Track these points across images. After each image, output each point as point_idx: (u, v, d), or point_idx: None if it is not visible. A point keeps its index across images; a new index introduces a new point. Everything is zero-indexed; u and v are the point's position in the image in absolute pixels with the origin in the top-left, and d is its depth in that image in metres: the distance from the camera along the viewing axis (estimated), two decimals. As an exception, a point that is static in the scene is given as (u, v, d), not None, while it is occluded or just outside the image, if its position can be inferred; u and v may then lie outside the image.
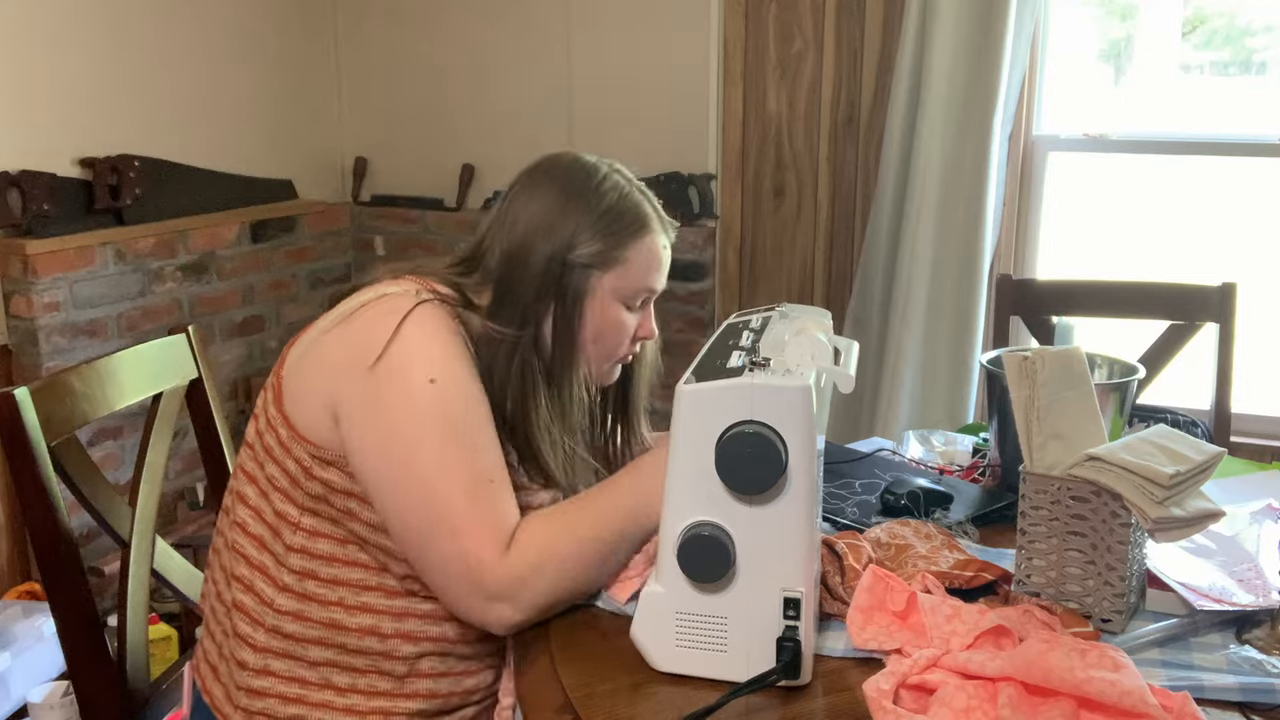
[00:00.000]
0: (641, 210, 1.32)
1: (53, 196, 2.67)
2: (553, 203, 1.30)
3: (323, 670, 1.26)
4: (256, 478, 1.28)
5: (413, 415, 1.18)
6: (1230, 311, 2.17)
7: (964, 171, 2.85)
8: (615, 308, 1.31)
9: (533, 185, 1.33)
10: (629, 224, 1.31)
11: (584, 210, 1.29)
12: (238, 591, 1.28)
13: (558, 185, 1.31)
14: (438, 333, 1.22)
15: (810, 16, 3.05)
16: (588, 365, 1.33)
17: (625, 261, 1.30)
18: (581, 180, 1.32)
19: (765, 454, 1.03)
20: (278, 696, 1.25)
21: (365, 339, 1.21)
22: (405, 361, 1.19)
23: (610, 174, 1.34)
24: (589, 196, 1.30)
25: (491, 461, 1.21)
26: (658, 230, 1.34)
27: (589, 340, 1.31)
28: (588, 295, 1.29)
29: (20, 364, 2.69)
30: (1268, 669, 1.10)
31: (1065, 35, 2.99)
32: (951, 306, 2.92)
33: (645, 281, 1.33)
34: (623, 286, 1.31)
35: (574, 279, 1.29)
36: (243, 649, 1.27)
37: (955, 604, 1.17)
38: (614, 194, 1.31)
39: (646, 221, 1.32)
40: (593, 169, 1.33)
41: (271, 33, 3.38)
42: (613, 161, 1.37)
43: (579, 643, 1.18)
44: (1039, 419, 1.23)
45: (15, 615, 2.53)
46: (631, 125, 3.29)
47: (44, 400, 1.32)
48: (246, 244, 3.25)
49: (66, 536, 1.33)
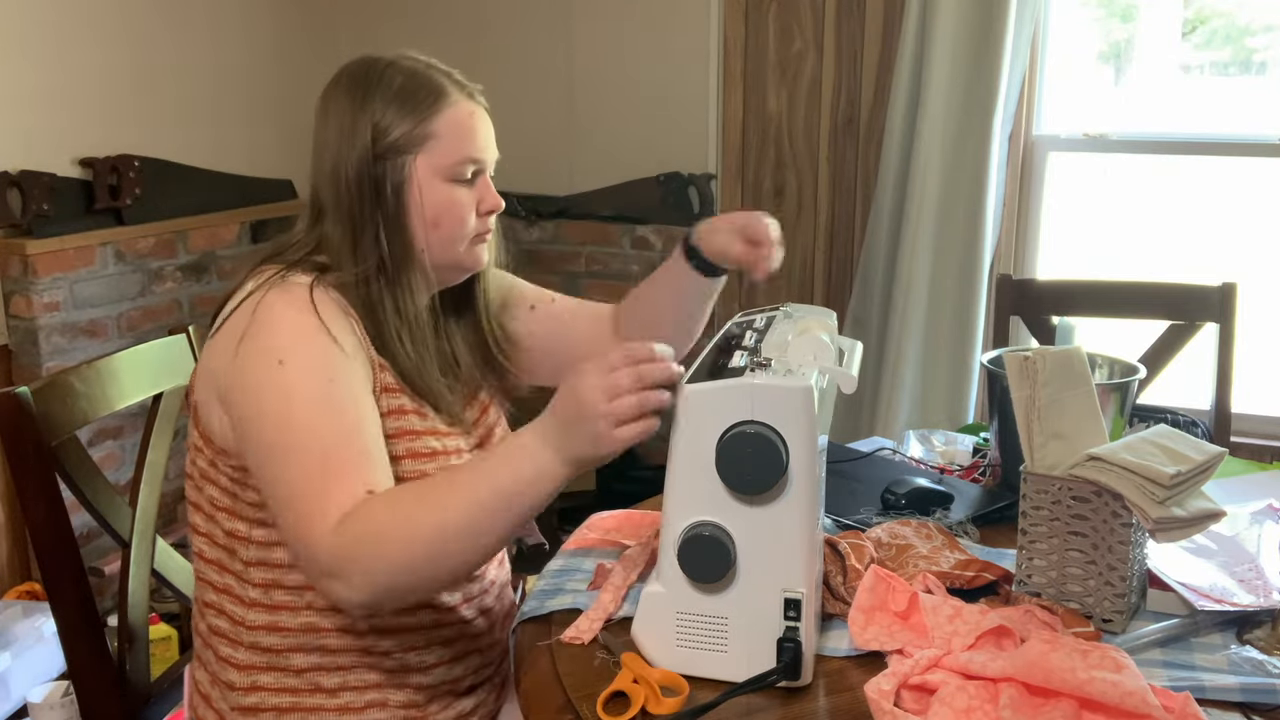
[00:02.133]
0: (435, 82, 1.26)
1: (53, 196, 2.67)
2: (345, 108, 1.25)
3: (309, 675, 1.25)
4: (201, 504, 1.28)
5: (262, 397, 1.15)
6: (1230, 311, 2.17)
7: (964, 171, 2.85)
8: (441, 187, 1.25)
9: (326, 103, 1.28)
10: (424, 98, 1.24)
11: (374, 102, 1.24)
12: (211, 617, 1.28)
13: (345, 91, 1.26)
14: (289, 312, 1.18)
15: (810, 16, 3.05)
16: (437, 258, 1.27)
17: (434, 136, 1.24)
18: (363, 76, 1.26)
19: (766, 454, 1.03)
20: (272, 709, 1.25)
21: (231, 329, 1.20)
22: (255, 347, 1.17)
23: (396, 60, 1.28)
24: (375, 88, 1.24)
25: (342, 436, 1.14)
26: (460, 98, 1.27)
27: (427, 228, 1.26)
28: (406, 183, 1.24)
29: (20, 364, 2.68)
30: (1269, 669, 1.10)
31: (1065, 35, 2.99)
32: (951, 306, 2.92)
33: (464, 151, 1.26)
34: (440, 162, 1.25)
35: (388, 173, 1.23)
36: (228, 671, 1.27)
37: (956, 604, 1.17)
38: (400, 75, 1.25)
39: (443, 91, 1.26)
40: (373, 61, 1.28)
41: (272, 33, 3.38)
42: (403, 50, 1.31)
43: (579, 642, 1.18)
44: (1039, 419, 1.23)
45: (15, 615, 2.53)
46: (631, 125, 3.29)
47: (44, 400, 1.32)
48: (246, 244, 3.24)
49: (66, 536, 1.33)
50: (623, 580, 1.25)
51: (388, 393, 1.24)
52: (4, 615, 2.53)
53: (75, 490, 1.37)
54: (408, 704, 1.28)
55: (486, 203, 1.30)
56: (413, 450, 1.24)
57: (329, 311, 1.20)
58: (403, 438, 1.24)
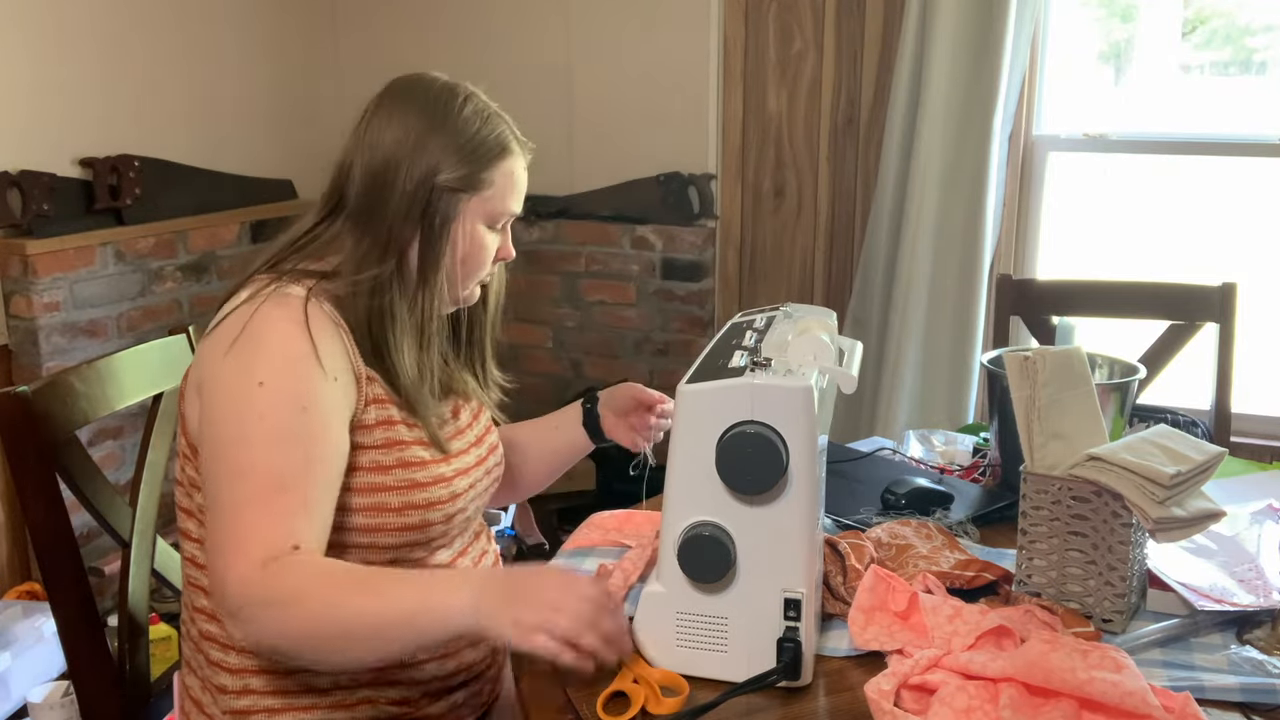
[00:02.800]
0: (503, 134, 1.31)
1: (53, 196, 2.67)
2: (414, 125, 1.28)
3: (300, 677, 1.25)
4: (191, 510, 1.28)
5: (232, 413, 1.16)
6: (1230, 311, 2.17)
7: (964, 171, 2.85)
8: (480, 230, 1.30)
9: (391, 108, 1.30)
10: (493, 147, 1.30)
11: (448, 133, 1.28)
12: (203, 622, 1.28)
13: (418, 108, 1.29)
14: (281, 327, 1.19)
15: (810, 16, 3.05)
16: (453, 287, 1.31)
17: (490, 184, 1.29)
18: (443, 103, 1.30)
19: (766, 454, 1.03)
20: (264, 711, 1.26)
21: (221, 336, 1.21)
22: (240, 362, 1.17)
23: (471, 96, 1.32)
24: (452, 120, 1.29)
25: (297, 477, 1.14)
26: (518, 153, 1.33)
27: (458, 263, 1.30)
28: (455, 219, 1.28)
29: (20, 364, 2.68)
30: (1269, 669, 1.10)
31: (1065, 35, 2.99)
32: (951, 306, 2.92)
33: (507, 204, 1.32)
34: (487, 209, 1.30)
35: (441, 203, 1.27)
36: (220, 675, 1.27)
37: (956, 604, 1.17)
38: (476, 118, 1.30)
39: (508, 145, 1.31)
40: (452, 92, 1.31)
41: (271, 33, 3.38)
42: (469, 84, 1.35)
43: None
44: (1040, 419, 1.23)
45: (15, 615, 2.53)
46: (631, 125, 3.29)
47: (44, 400, 1.32)
48: (246, 244, 3.24)
49: (66, 536, 1.33)
50: (624, 580, 1.25)
51: (377, 404, 1.25)
52: (4, 615, 2.53)
53: (75, 490, 1.37)
54: (399, 700, 1.28)
55: (504, 251, 1.36)
56: (404, 460, 1.25)
57: (320, 326, 1.21)
58: (393, 448, 1.25)
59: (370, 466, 1.23)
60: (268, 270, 1.28)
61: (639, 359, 3.41)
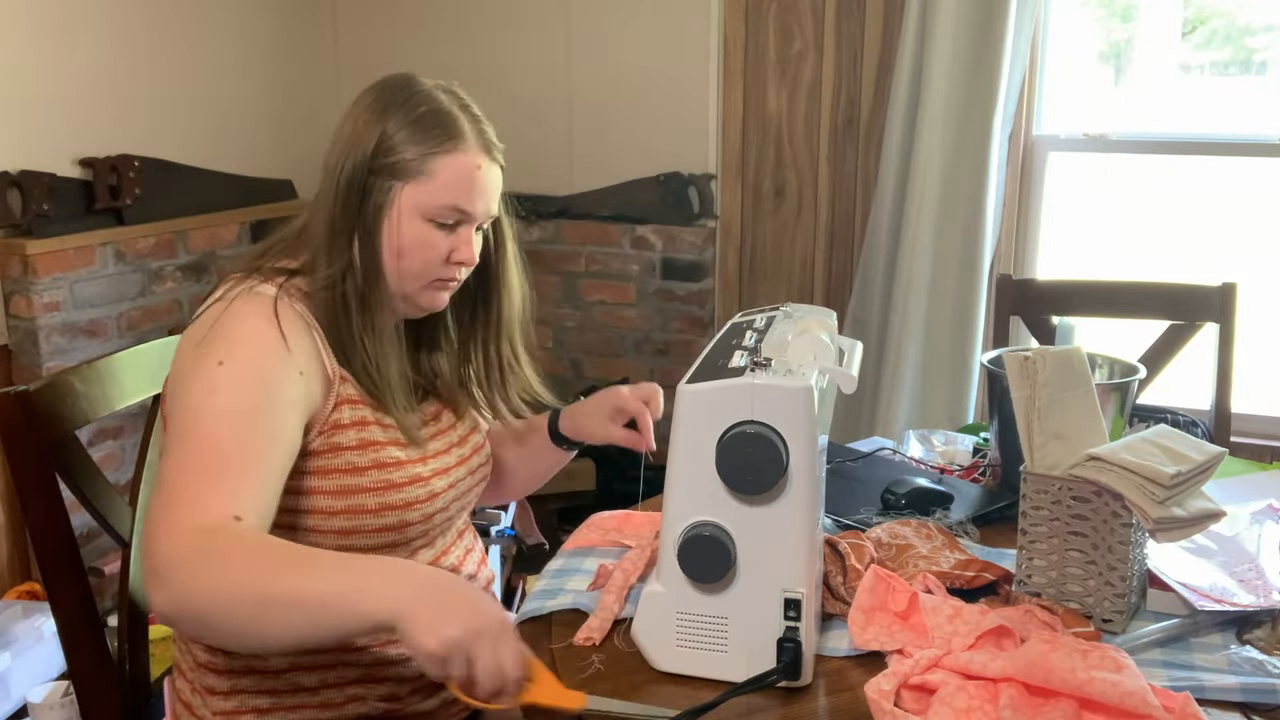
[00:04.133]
0: (455, 124, 1.25)
1: (53, 196, 2.67)
2: (363, 114, 1.25)
3: (288, 676, 1.26)
4: None
5: (190, 386, 1.15)
6: (1230, 311, 2.17)
7: (964, 171, 2.85)
8: (417, 223, 1.24)
9: (353, 105, 1.28)
10: (437, 136, 1.24)
11: (391, 119, 1.24)
12: None
13: (372, 98, 1.26)
14: (250, 321, 1.18)
15: (810, 16, 3.05)
16: (395, 284, 1.27)
17: (429, 174, 1.23)
18: (394, 92, 1.26)
19: (766, 454, 1.03)
20: (253, 711, 1.26)
21: (192, 333, 1.21)
22: (205, 350, 1.17)
23: (432, 89, 1.27)
24: (399, 106, 1.24)
25: (246, 453, 1.11)
26: (472, 149, 1.26)
27: (392, 256, 1.25)
28: (386, 206, 1.24)
29: (20, 364, 2.68)
30: (1269, 669, 1.10)
31: (1065, 35, 2.99)
32: (951, 306, 2.92)
33: (452, 199, 1.24)
34: (425, 202, 1.24)
35: (374, 190, 1.23)
36: (208, 676, 1.27)
37: (956, 604, 1.17)
38: (426, 105, 1.25)
39: (459, 136, 1.24)
40: (411, 81, 1.27)
41: (271, 33, 3.38)
42: (450, 83, 1.31)
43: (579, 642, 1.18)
44: (1040, 419, 1.23)
45: (15, 615, 2.53)
46: (631, 125, 3.29)
47: (44, 400, 1.32)
48: (246, 244, 3.24)
49: (66, 536, 1.33)
50: (624, 581, 1.25)
51: (350, 404, 1.24)
52: (4, 615, 2.53)
53: (75, 490, 1.37)
54: (388, 696, 1.28)
55: (459, 254, 1.28)
56: (379, 461, 1.24)
57: (290, 323, 1.20)
58: (367, 448, 1.24)
59: (345, 468, 1.23)
60: (244, 269, 1.28)
61: (639, 359, 3.41)
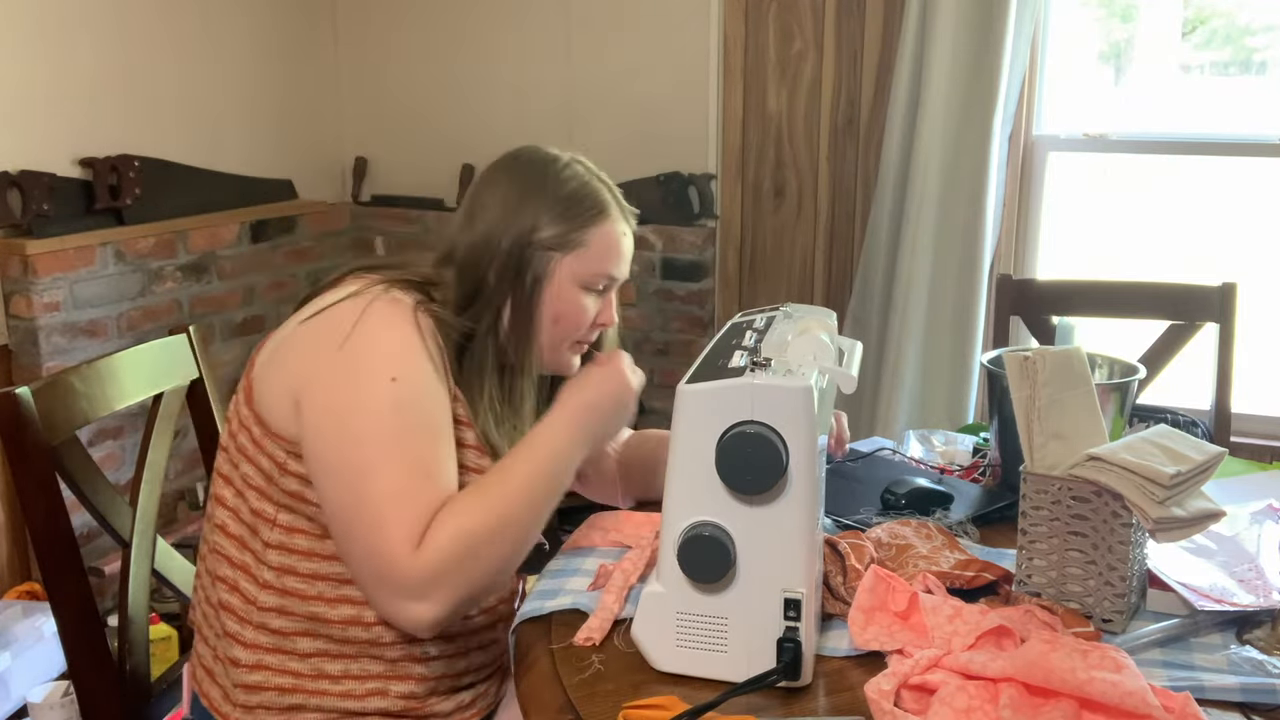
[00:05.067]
0: (600, 196, 1.36)
1: (53, 196, 2.67)
2: (513, 193, 1.34)
3: (313, 661, 1.27)
4: (232, 479, 1.30)
5: (365, 408, 1.20)
6: (1230, 311, 2.17)
7: (964, 171, 2.85)
8: (574, 291, 1.34)
9: (495, 179, 1.37)
10: (588, 209, 1.34)
11: (544, 196, 1.33)
12: (223, 592, 1.30)
13: (518, 176, 1.36)
14: (400, 327, 1.24)
15: (810, 16, 3.05)
16: (545, 350, 1.36)
17: (584, 245, 1.34)
18: (540, 169, 1.36)
19: (766, 454, 1.03)
20: (274, 689, 1.27)
21: (330, 328, 1.24)
22: (367, 353, 1.21)
23: (571, 163, 1.38)
24: (549, 184, 1.34)
25: (433, 460, 1.21)
26: (617, 217, 1.37)
27: (548, 323, 1.34)
28: (546, 278, 1.33)
29: (20, 364, 2.68)
30: (1268, 669, 1.10)
31: (1065, 35, 2.99)
32: (951, 306, 2.92)
33: (604, 267, 1.36)
34: (582, 270, 1.34)
35: (534, 263, 1.32)
36: (234, 647, 1.28)
37: (956, 604, 1.17)
38: (573, 181, 1.35)
39: (605, 207, 1.36)
40: (552, 159, 1.38)
41: (271, 32, 3.38)
42: (575, 153, 1.41)
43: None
44: (1039, 419, 1.23)
45: (15, 615, 2.53)
46: (631, 125, 3.29)
47: (44, 400, 1.32)
48: (246, 244, 3.24)
49: (66, 536, 1.33)
50: (624, 581, 1.25)
51: (458, 424, 1.29)
52: (4, 615, 2.53)
53: (75, 490, 1.37)
54: (408, 695, 1.29)
55: (603, 316, 1.39)
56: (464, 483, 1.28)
57: (427, 333, 1.26)
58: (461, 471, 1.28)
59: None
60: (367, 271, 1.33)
61: (639, 359, 3.38)
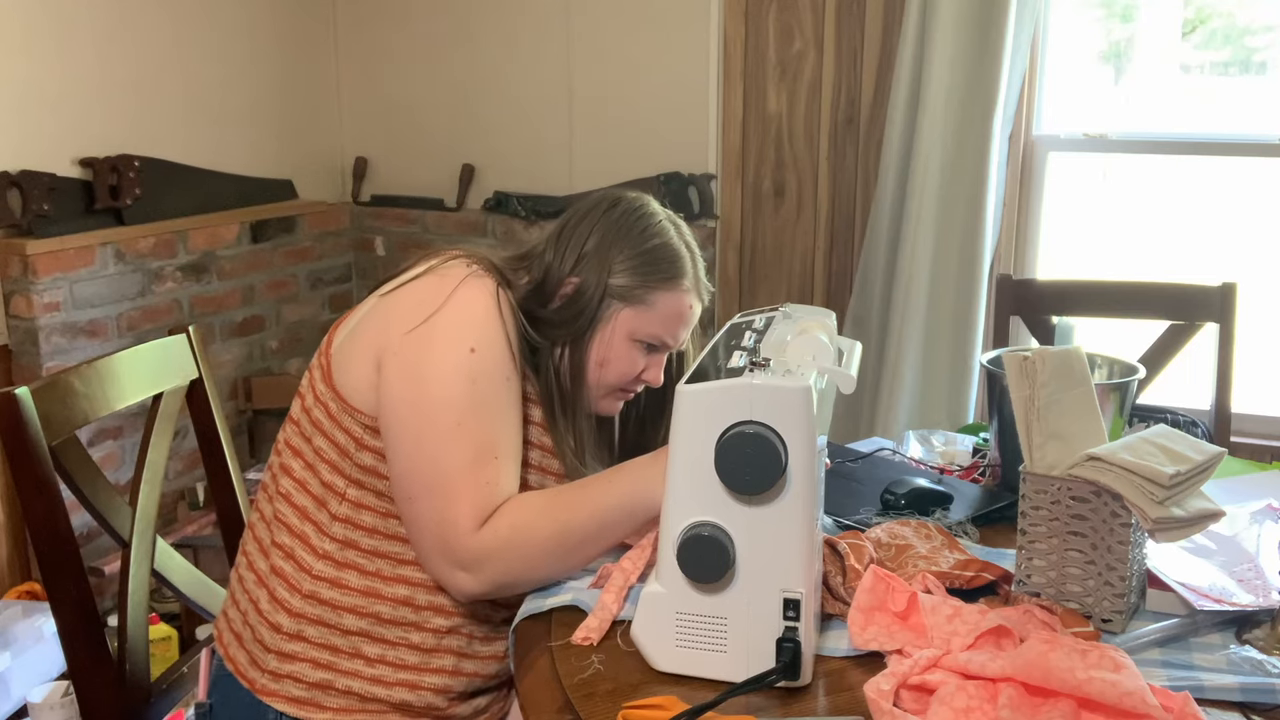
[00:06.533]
0: (681, 263, 1.39)
1: (53, 196, 2.67)
2: (603, 237, 1.37)
3: (354, 639, 1.30)
4: (303, 451, 1.33)
5: (445, 378, 1.23)
6: (1230, 311, 2.17)
7: (964, 171, 2.85)
8: (625, 343, 1.37)
9: (592, 214, 1.39)
10: (663, 271, 1.37)
11: (627, 245, 1.36)
12: (277, 558, 1.33)
13: (615, 222, 1.38)
14: (484, 303, 1.27)
15: (810, 16, 3.05)
16: (590, 389, 1.38)
17: (648, 304, 1.37)
18: (635, 220, 1.39)
19: (765, 454, 1.03)
20: (309, 661, 1.30)
21: (417, 300, 1.28)
22: (451, 325, 1.25)
23: (665, 224, 1.40)
24: (636, 235, 1.37)
25: (505, 437, 1.26)
26: (689, 289, 1.40)
27: (594, 365, 1.36)
28: (600, 323, 1.36)
29: (20, 364, 2.69)
30: (1268, 669, 1.10)
31: (1065, 35, 2.99)
32: (951, 306, 2.92)
33: (660, 330, 1.38)
34: (639, 327, 1.37)
35: (595, 305, 1.36)
36: (278, 613, 1.31)
37: (956, 604, 1.17)
38: (659, 239, 1.38)
39: (680, 275, 1.38)
40: (651, 214, 1.41)
41: (271, 33, 3.38)
42: (675, 216, 1.44)
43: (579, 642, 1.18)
44: (1039, 419, 1.23)
45: (15, 615, 2.53)
46: (631, 125, 3.29)
47: (44, 400, 1.32)
48: (246, 244, 3.25)
49: (66, 536, 1.33)
50: (624, 581, 1.25)
51: (527, 401, 1.33)
52: (4, 615, 2.53)
53: (75, 490, 1.38)
54: (440, 688, 1.33)
55: (649, 374, 1.41)
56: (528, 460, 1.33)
57: (508, 313, 1.29)
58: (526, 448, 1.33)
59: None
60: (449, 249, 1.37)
61: (639, 359, 3.41)
